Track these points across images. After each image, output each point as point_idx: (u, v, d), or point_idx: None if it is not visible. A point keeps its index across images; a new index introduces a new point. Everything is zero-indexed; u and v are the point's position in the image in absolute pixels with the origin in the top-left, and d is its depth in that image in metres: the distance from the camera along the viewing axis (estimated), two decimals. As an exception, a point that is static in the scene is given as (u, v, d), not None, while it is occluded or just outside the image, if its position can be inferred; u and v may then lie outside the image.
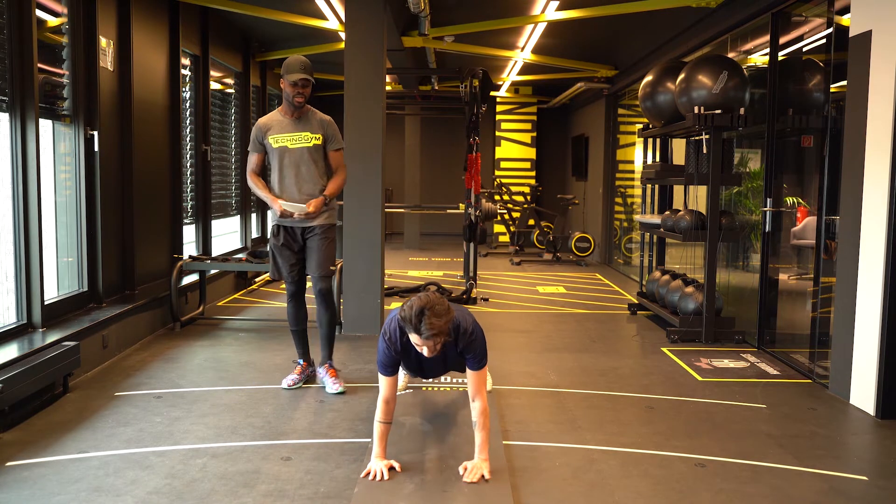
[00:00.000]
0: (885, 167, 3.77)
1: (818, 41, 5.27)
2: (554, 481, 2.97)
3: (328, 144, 4.12)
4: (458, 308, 3.12)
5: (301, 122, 4.07)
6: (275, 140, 4.05)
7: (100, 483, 2.87)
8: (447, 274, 9.20)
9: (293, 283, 4.21)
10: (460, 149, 10.29)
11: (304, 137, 4.05)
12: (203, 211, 7.05)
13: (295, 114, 4.07)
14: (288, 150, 4.05)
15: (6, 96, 4.04)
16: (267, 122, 4.11)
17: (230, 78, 8.30)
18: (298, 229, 4.14)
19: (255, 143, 4.13)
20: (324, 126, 4.10)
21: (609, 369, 4.65)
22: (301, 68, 3.96)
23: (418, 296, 2.83)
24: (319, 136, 4.07)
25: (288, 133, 4.05)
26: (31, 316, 4.23)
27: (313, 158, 4.06)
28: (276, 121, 4.11)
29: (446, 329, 2.81)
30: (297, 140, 4.05)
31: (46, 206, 4.42)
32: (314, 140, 4.05)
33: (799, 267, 5.69)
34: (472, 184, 7.52)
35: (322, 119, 4.13)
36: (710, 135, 5.41)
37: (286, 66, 3.98)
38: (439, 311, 2.77)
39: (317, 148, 4.07)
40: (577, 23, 7.21)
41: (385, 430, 2.99)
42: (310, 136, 4.05)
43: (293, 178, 4.06)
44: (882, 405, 3.81)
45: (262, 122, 4.13)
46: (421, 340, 2.80)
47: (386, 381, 3.01)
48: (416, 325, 2.76)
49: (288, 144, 4.05)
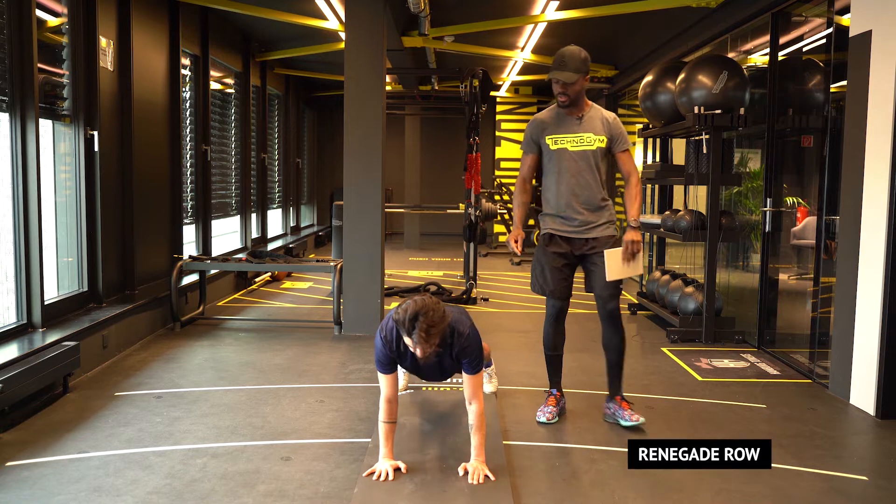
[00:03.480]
0: (885, 167, 3.77)
1: (818, 41, 5.27)
2: (554, 481, 2.97)
3: (614, 145, 3.58)
4: (456, 310, 3.10)
5: (584, 122, 3.56)
6: (553, 140, 3.56)
7: (100, 483, 2.87)
8: (447, 274, 9.20)
9: (560, 300, 3.66)
10: (460, 149, 10.29)
11: (587, 139, 3.53)
12: (203, 211, 7.05)
13: (574, 112, 3.56)
14: (568, 152, 3.54)
15: (6, 96, 4.04)
16: (544, 119, 3.63)
17: (230, 78, 8.30)
18: (577, 239, 3.61)
19: (528, 142, 3.65)
20: (608, 125, 3.57)
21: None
22: (558, 64, 3.47)
23: (414, 299, 2.79)
24: (603, 138, 3.54)
25: (569, 133, 3.55)
26: (31, 316, 4.23)
27: (596, 164, 3.55)
28: (554, 118, 3.61)
29: (440, 335, 2.78)
30: (578, 142, 3.53)
31: (46, 206, 4.42)
32: (598, 142, 3.53)
33: (799, 267, 5.70)
34: (472, 184, 7.52)
35: (606, 117, 3.59)
36: (710, 135, 5.41)
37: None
38: (433, 319, 2.72)
39: (602, 152, 3.56)
40: (577, 23, 7.21)
41: (390, 430, 2.97)
42: (593, 138, 3.53)
43: (571, 186, 3.55)
44: (882, 405, 3.81)
45: (539, 118, 3.65)
46: (414, 344, 2.78)
47: (386, 379, 2.98)
48: (409, 329, 2.74)
49: (569, 147, 3.54)
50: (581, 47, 3.55)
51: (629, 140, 3.63)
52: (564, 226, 3.63)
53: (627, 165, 3.61)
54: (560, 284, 3.63)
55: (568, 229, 3.62)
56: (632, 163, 3.63)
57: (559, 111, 3.61)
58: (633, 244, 3.52)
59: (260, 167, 9.20)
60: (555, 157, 3.59)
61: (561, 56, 3.49)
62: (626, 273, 3.55)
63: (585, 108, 3.59)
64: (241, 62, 8.45)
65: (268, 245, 9.30)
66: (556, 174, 3.60)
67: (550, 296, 3.66)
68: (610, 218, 3.63)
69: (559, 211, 3.63)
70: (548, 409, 3.67)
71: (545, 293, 3.67)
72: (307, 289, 7.87)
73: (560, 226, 3.64)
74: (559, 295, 3.64)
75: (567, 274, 3.65)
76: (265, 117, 9.45)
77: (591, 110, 3.60)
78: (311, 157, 13.18)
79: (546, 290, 3.65)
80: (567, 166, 3.56)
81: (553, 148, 3.58)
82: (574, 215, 3.59)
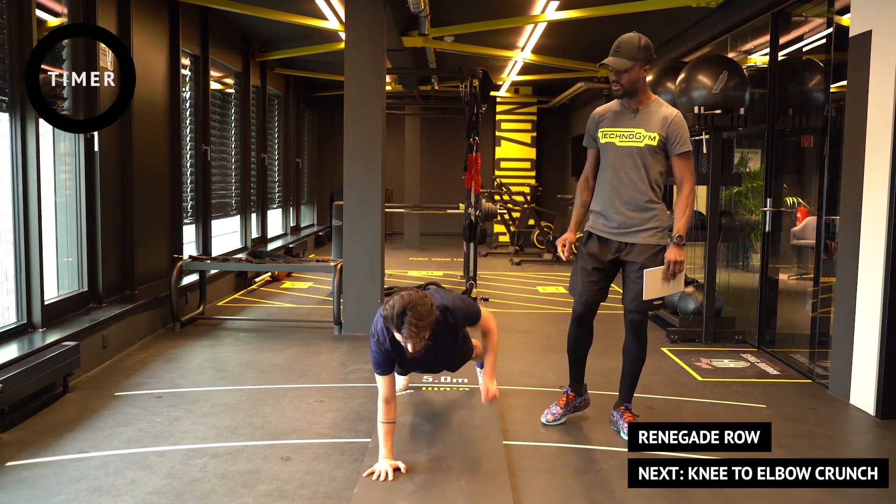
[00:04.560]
0: (885, 167, 3.77)
1: (818, 41, 5.27)
2: (554, 481, 2.97)
3: (669, 147, 3.30)
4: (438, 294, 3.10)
5: (638, 116, 3.32)
6: (603, 134, 3.37)
7: (100, 483, 2.87)
8: (447, 274, 9.20)
9: (585, 304, 3.44)
10: (460, 149, 10.29)
11: (638, 134, 3.29)
12: (203, 211, 7.05)
13: (632, 105, 3.34)
14: (615, 147, 3.34)
15: (6, 96, 4.04)
16: (602, 112, 3.44)
17: (230, 78, 8.30)
18: (615, 242, 3.38)
19: (587, 136, 3.47)
20: (665, 123, 3.28)
21: (609, 369, 4.64)
22: (613, 50, 3.27)
23: (401, 294, 2.78)
24: (655, 136, 3.27)
25: (620, 127, 3.33)
26: (31, 316, 4.23)
27: (644, 162, 3.29)
28: (612, 110, 3.41)
29: (430, 328, 2.80)
30: (627, 137, 3.31)
31: (46, 206, 4.42)
32: (648, 139, 3.27)
33: (799, 267, 5.70)
34: (472, 184, 7.52)
35: (667, 115, 3.30)
36: (710, 135, 5.41)
37: None
38: (421, 313, 2.73)
39: (651, 150, 3.28)
40: (577, 23, 7.21)
41: (390, 430, 2.98)
42: (644, 134, 3.28)
43: (612, 184, 3.33)
44: (882, 405, 3.81)
45: (598, 111, 3.46)
46: (404, 339, 2.79)
47: (383, 380, 2.99)
48: (398, 325, 2.75)
49: (616, 141, 3.33)
50: (641, 34, 3.32)
51: (689, 143, 3.32)
52: (603, 225, 3.41)
53: (681, 171, 3.32)
54: (587, 287, 3.41)
55: (606, 229, 3.39)
56: (688, 170, 3.33)
57: (620, 103, 3.40)
58: (676, 265, 3.26)
59: (260, 167, 9.20)
60: (603, 151, 3.39)
61: (617, 43, 3.28)
62: (665, 292, 3.34)
63: (645, 101, 3.34)
64: (241, 62, 8.45)
65: (268, 245, 9.30)
66: (602, 170, 3.40)
67: (577, 297, 3.47)
68: (658, 224, 3.33)
69: (601, 209, 3.42)
70: (552, 409, 3.59)
71: (573, 294, 3.50)
72: (307, 289, 7.87)
73: (599, 225, 3.43)
74: (584, 298, 3.42)
75: (597, 278, 3.41)
76: (265, 117, 9.45)
77: (653, 104, 3.34)
78: (311, 157, 13.18)
79: (574, 290, 3.48)
80: (611, 162, 3.34)
81: (602, 142, 3.38)
82: (613, 215, 3.36)
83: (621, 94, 3.32)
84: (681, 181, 3.34)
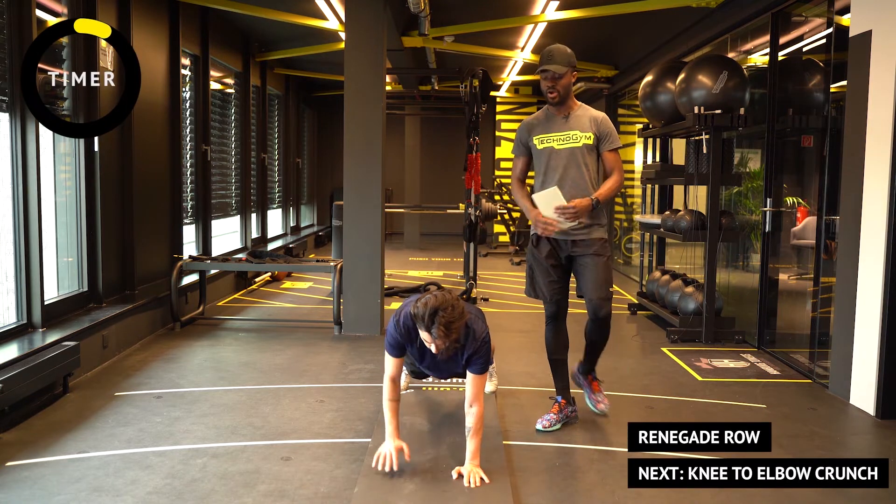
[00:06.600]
0: (885, 167, 3.77)
1: (818, 41, 5.27)
2: (554, 481, 2.97)
3: (601, 144, 3.55)
4: (474, 310, 3.11)
5: (570, 120, 3.54)
6: (540, 140, 3.57)
7: (100, 483, 2.87)
8: (447, 274, 9.20)
9: (554, 303, 3.58)
10: (460, 149, 10.28)
11: (573, 136, 3.51)
12: (203, 211, 7.05)
13: (562, 111, 3.56)
14: (555, 151, 3.54)
15: (6, 96, 4.04)
16: (532, 121, 3.65)
17: (230, 78, 8.30)
18: (564, 241, 3.55)
19: (518, 145, 3.66)
20: (596, 123, 3.53)
21: (609, 369, 4.64)
22: (546, 59, 3.48)
23: (434, 293, 2.79)
24: (590, 136, 3.51)
25: (556, 132, 3.54)
26: (31, 316, 4.23)
27: (584, 161, 3.51)
28: (541, 119, 3.63)
29: (457, 334, 2.79)
30: (565, 140, 3.53)
31: (46, 206, 4.42)
32: (584, 139, 3.50)
33: (799, 267, 5.70)
34: (472, 184, 7.52)
35: (594, 116, 3.56)
36: (710, 135, 5.41)
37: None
38: (453, 315, 2.72)
39: (588, 148, 3.52)
40: (577, 23, 7.21)
41: (395, 407, 3.01)
42: (579, 135, 3.50)
43: (558, 183, 3.51)
44: (882, 405, 3.81)
45: (527, 121, 3.67)
46: (432, 339, 2.79)
47: (392, 361, 3.03)
48: (428, 324, 2.75)
49: (555, 145, 3.54)
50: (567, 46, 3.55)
51: (619, 141, 3.58)
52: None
53: (612, 164, 3.55)
54: (550, 287, 3.55)
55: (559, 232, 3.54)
56: (618, 162, 3.56)
57: (548, 112, 3.61)
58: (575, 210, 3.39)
59: (260, 167, 9.20)
60: (542, 156, 3.57)
61: (548, 51, 3.49)
62: (548, 213, 3.43)
63: (573, 107, 3.57)
64: (241, 62, 8.46)
65: (268, 245, 9.30)
66: (543, 174, 3.57)
67: (543, 300, 3.60)
68: (601, 221, 3.54)
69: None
70: (547, 417, 3.59)
71: (538, 297, 3.61)
72: (307, 289, 7.88)
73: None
74: (551, 297, 3.56)
75: (558, 276, 3.56)
76: (265, 117, 9.46)
77: (579, 109, 3.57)
78: (311, 157, 13.18)
79: (538, 293, 3.60)
80: (554, 165, 3.53)
81: (540, 147, 3.56)
82: None
83: (557, 100, 3.51)
84: (611, 171, 3.57)
